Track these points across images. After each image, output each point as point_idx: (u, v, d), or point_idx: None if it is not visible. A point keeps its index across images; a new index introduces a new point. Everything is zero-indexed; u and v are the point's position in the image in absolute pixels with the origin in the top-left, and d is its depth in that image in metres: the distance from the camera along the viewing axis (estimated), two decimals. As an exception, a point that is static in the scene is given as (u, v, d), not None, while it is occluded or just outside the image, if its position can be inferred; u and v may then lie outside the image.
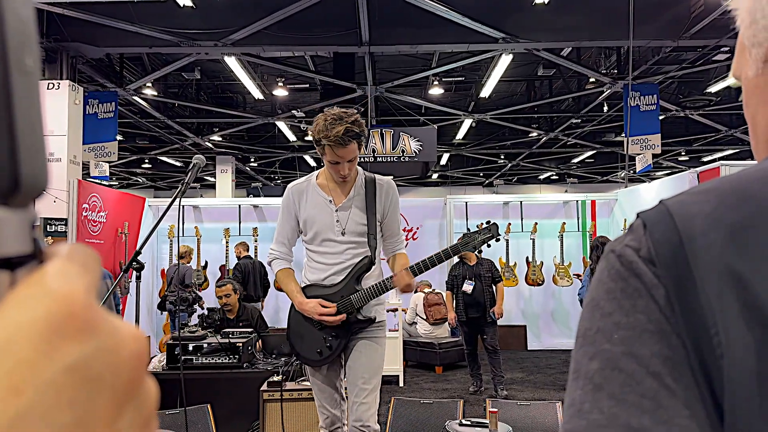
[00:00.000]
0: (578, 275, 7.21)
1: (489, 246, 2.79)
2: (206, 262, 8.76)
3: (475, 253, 6.50)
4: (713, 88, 10.02)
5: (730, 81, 8.95)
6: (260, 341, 4.57)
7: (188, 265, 7.98)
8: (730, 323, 0.43)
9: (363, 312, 2.64)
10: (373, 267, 2.68)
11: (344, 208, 2.63)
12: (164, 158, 15.84)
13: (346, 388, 2.80)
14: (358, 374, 2.64)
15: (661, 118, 9.25)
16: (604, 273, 0.50)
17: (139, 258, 2.53)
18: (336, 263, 2.63)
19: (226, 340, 4.16)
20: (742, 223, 0.46)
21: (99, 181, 8.86)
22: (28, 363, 0.22)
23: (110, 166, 9.04)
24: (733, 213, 0.46)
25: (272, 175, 18.62)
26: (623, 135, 10.00)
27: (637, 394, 0.43)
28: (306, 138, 14.01)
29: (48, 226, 6.98)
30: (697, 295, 0.44)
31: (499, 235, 2.79)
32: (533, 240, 8.90)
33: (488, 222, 2.79)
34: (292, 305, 2.75)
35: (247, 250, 8.39)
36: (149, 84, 9.80)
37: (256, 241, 8.73)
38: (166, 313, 7.84)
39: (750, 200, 0.47)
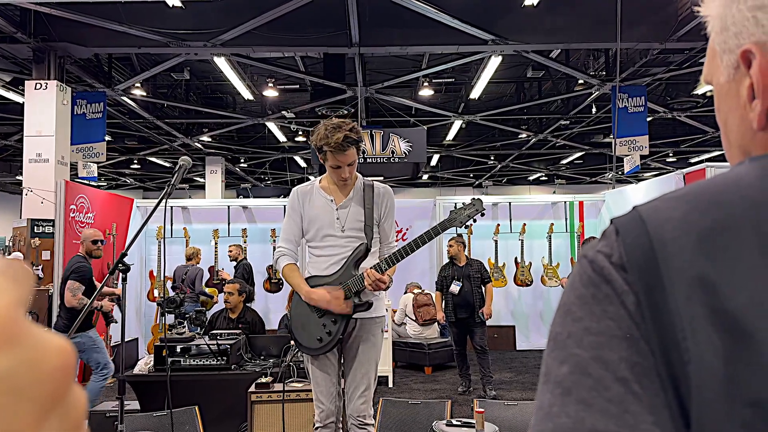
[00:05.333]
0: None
1: (475, 221, 2.84)
2: (195, 264, 8.72)
3: (465, 253, 6.54)
4: (700, 90, 10.11)
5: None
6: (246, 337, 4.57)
7: (198, 266, 7.92)
8: (699, 328, 0.43)
9: (361, 296, 2.76)
10: (370, 254, 2.82)
11: (344, 206, 2.84)
12: (153, 159, 15.75)
13: (343, 389, 2.89)
14: (356, 371, 2.79)
15: (648, 119, 9.33)
16: (576, 278, 0.50)
17: (125, 260, 2.52)
18: (335, 254, 2.81)
19: (214, 342, 4.14)
20: (711, 229, 0.46)
21: (87, 182, 8.80)
22: None
23: (98, 167, 8.99)
24: (703, 219, 0.47)
25: (262, 176, 18.56)
26: (611, 136, 10.07)
27: (604, 399, 0.44)
28: (296, 139, 13.99)
29: (35, 227, 6.94)
30: (666, 300, 0.45)
31: (484, 209, 2.85)
32: (522, 241, 8.94)
33: (473, 198, 2.89)
34: (294, 299, 2.91)
35: (244, 252, 8.41)
36: (138, 84, 9.75)
37: (245, 242, 8.71)
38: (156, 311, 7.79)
39: (719, 206, 0.47)
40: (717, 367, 0.42)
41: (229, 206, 9.23)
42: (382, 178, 9.67)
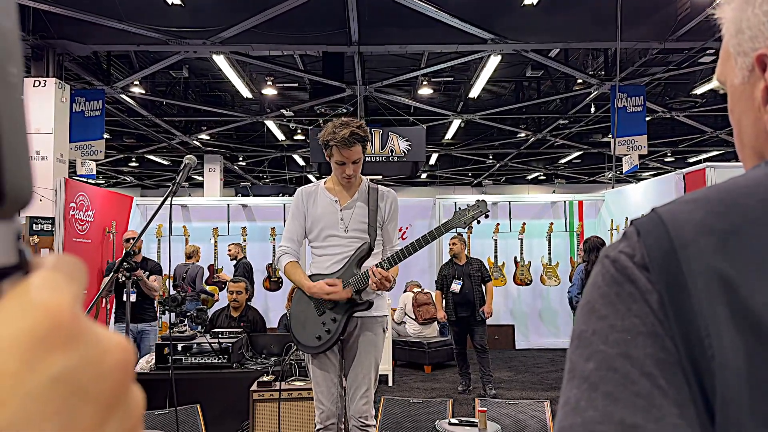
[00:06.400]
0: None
1: (479, 222, 2.85)
2: (194, 262, 8.71)
3: (465, 253, 6.55)
4: (699, 90, 10.13)
5: (714, 84, 9.05)
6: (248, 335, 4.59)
7: (198, 264, 7.91)
8: (721, 327, 0.45)
9: (362, 295, 2.78)
10: (372, 255, 2.83)
11: (348, 207, 2.86)
12: (151, 157, 15.73)
13: (344, 387, 2.88)
14: (357, 370, 2.79)
15: (647, 119, 9.34)
16: (599, 277, 0.52)
17: (132, 260, 2.52)
18: (337, 253, 2.83)
19: (216, 341, 4.14)
20: (730, 231, 0.47)
21: (85, 180, 8.79)
22: (13, 374, 0.22)
23: (97, 165, 8.97)
24: (722, 221, 0.48)
25: (261, 174, 18.54)
26: (610, 136, 10.09)
27: (631, 394, 0.45)
28: (295, 137, 13.98)
29: (34, 225, 6.90)
30: (689, 299, 0.46)
31: (488, 210, 2.87)
32: (521, 240, 8.95)
33: (477, 200, 2.91)
34: (294, 297, 2.93)
35: (243, 251, 8.41)
36: (137, 82, 9.73)
37: (245, 240, 8.71)
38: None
39: (736, 209, 0.49)
40: (740, 364, 0.44)
41: (228, 204, 9.23)
42: (380, 177, 9.67)
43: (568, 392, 0.48)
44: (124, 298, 5.78)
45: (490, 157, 16.43)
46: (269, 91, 10.27)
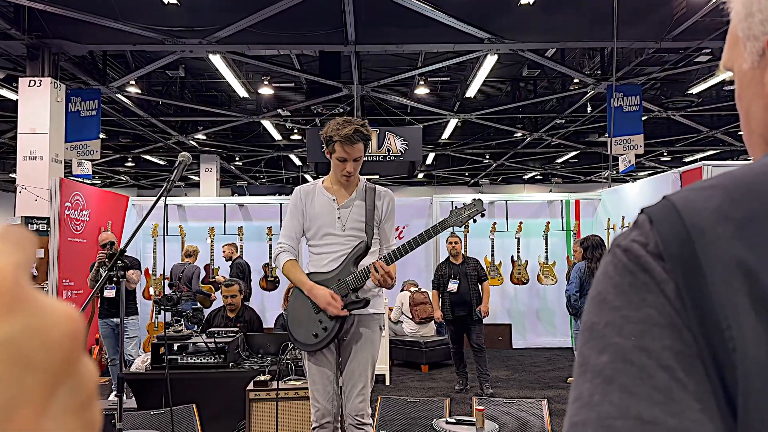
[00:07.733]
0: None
1: (475, 221, 2.86)
2: (190, 262, 8.67)
3: (462, 252, 6.55)
4: (695, 90, 10.15)
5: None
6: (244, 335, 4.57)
7: (195, 264, 7.88)
8: (742, 317, 0.43)
9: (359, 293, 2.78)
10: (369, 253, 2.84)
11: (346, 206, 2.88)
12: (148, 157, 15.69)
13: (341, 387, 2.88)
14: (353, 368, 2.79)
15: (643, 118, 9.35)
16: (610, 267, 0.50)
17: (124, 258, 2.51)
18: (334, 252, 2.84)
19: (212, 340, 4.13)
20: (749, 218, 0.46)
21: (81, 180, 8.76)
22: None
23: (93, 165, 8.94)
24: (739, 208, 0.47)
25: (257, 174, 18.52)
26: (606, 135, 10.10)
27: (648, 387, 0.43)
28: (291, 137, 13.96)
29: (29, 225, 6.88)
30: (707, 289, 0.44)
31: (484, 210, 2.89)
32: (518, 239, 8.95)
33: (473, 198, 2.92)
34: (291, 295, 2.95)
35: (238, 251, 8.38)
36: (133, 82, 9.70)
37: (241, 240, 8.69)
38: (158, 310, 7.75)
39: (755, 196, 0.47)
40: (762, 356, 0.42)
41: (225, 204, 9.21)
42: (377, 177, 9.67)
43: (581, 386, 0.46)
44: (105, 294, 5.85)
45: (487, 157, 16.44)
46: (266, 91, 10.25)
